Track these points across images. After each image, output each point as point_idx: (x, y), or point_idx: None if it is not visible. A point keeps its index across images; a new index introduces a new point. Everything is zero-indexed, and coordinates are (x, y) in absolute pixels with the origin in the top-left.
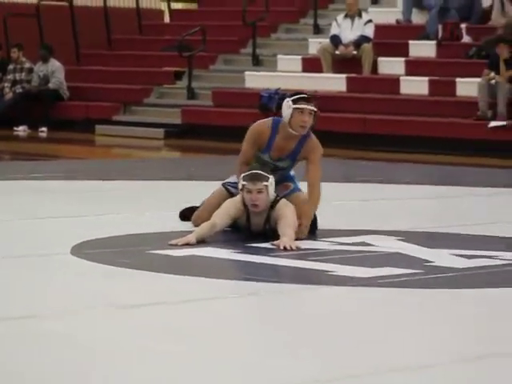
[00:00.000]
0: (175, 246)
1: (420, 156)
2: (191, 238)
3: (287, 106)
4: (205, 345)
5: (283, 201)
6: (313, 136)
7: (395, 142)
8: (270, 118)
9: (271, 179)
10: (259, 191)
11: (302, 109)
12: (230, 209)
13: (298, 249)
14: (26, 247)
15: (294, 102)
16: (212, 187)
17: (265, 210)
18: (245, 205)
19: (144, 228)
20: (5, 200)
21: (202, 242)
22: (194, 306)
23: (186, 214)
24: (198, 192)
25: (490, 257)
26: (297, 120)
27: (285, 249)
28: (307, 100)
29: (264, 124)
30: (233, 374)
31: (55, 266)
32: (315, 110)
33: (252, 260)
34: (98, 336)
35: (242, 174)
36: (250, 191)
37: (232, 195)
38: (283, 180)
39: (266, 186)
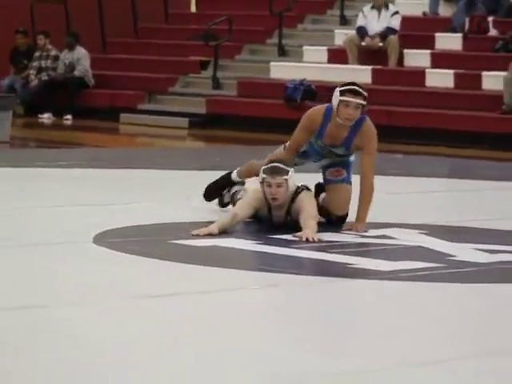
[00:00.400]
0: (197, 236)
1: (445, 149)
2: (213, 229)
3: (335, 96)
4: (221, 336)
5: (304, 193)
6: (367, 125)
7: (420, 135)
8: (325, 105)
9: (291, 172)
10: (279, 185)
11: (348, 102)
12: (251, 200)
13: (320, 241)
14: (48, 235)
15: (342, 93)
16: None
17: (285, 202)
18: (266, 197)
19: (167, 218)
20: (29, 187)
21: (223, 232)
22: (213, 297)
23: (212, 195)
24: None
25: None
26: (342, 112)
27: (307, 240)
28: (355, 93)
29: (318, 111)
30: (242, 364)
31: (77, 255)
32: (363, 103)
33: (273, 251)
34: (116, 325)
35: (263, 167)
36: (269, 185)
37: None
38: (340, 164)
39: (286, 179)
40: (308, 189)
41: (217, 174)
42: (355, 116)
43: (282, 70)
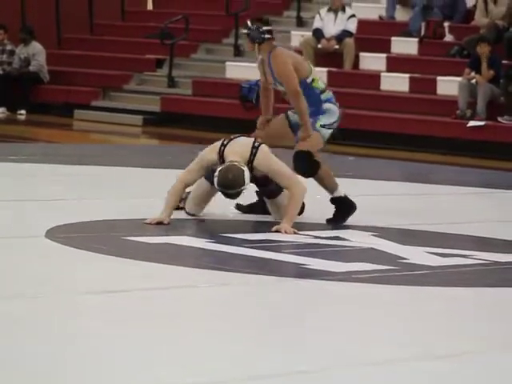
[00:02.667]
0: (149, 224)
1: (398, 153)
2: (164, 217)
3: None
4: (166, 333)
5: (260, 152)
6: (274, 55)
7: (374, 138)
8: None
9: (244, 170)
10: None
11: None
12: (203, 162)
13: (296, 233)
14: (0, 229)
15: None
16: None
17: None
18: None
19: (119, 214)
20: None
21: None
22: (163, 294)
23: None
24: (172, 180)
25: (463, 256)
26: None
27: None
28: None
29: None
30: (183, 363)
31: (28, 249)
32: (245, 32)
33: (225, 250)
34: (62, 321)
35: (217, 180)
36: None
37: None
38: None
39: (239, 191)
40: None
41: (169, 173)
42: (249, 46)
43: (237, 70)
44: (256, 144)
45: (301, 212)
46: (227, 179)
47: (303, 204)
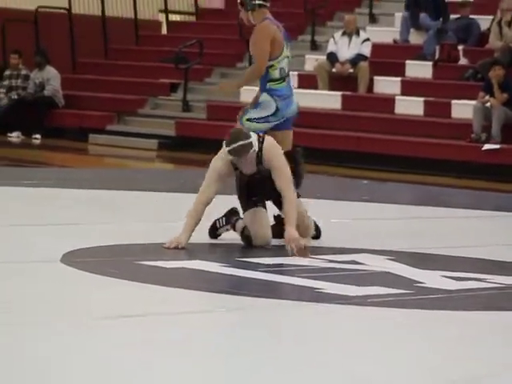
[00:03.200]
0: (166, 249)
1: (413, 176)
2: (181, 240)
3: None
4: (184, 358)
5: (267, 142)
6: (260, 25)
7: (388, 162)
8: None
9: (252, 138)
10: (245, 160)
11: None
12: (214, 173)
13: (306, 247)
14: (15, 254)
15: None
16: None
17: (253, 159)
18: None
19: (133, 238)
20: None
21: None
22: (178, 319)
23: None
24: (186, 204)
25: (479, 279)
26: None
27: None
28: None
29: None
30: None
31: (44, 274)
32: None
33: (241, 274)
34: (77, 346)
35: (227, 149)
36: (236, 167)
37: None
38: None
39: (252, 151)
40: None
41: (183, 197)
42: (243, 16)
43: (251, 94)
44: (260, 138)
45: (317, 236)
46: (232, 134)
47: (319, 228)
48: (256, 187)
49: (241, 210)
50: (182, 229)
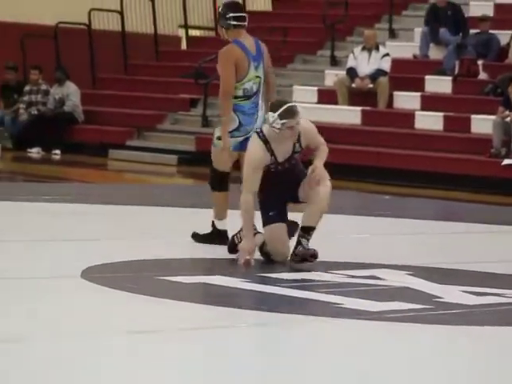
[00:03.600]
0: (242, 265)
1: (433, 191)
2: (250, 247)
3: None
4: (207, 373)
5: (303, 120)
6: (227, 48)
7: (408, 177)
8: None
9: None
10: (297, 123)
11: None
12: (256, 163)
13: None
14: (36, 269)
15: None
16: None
17: None
18: (266, 143)
19: (153, 254)
20: (16, 221)
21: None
22: (201, 335)
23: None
24: (206, 220)
25: (498, 294)
26: None
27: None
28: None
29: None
30: None
31: (64, 289)
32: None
33: (260, 290)
34: (100, 361)
35: (277, 113)
36: (291, 127)
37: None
38: None
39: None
40: None
41: (203, 212)
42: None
43: None
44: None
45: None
46: (273, 103)
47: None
48: (282, 182)
49: (259, 220)
50: (244, 232)
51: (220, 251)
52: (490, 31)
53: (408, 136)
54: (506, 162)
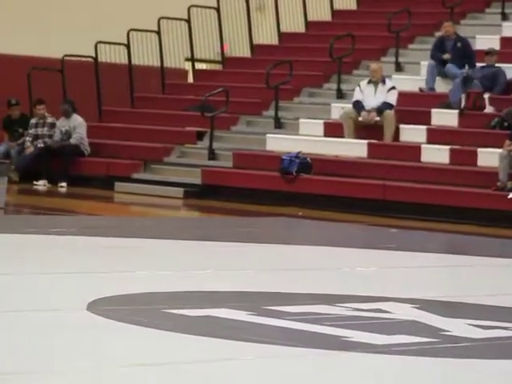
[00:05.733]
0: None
1: (439, 225)
2: None
3: None
4: None
5: None
6: None
7: (415, 210)
8: None
9: None
10: None
11: None
12: None
13: None
14: (41, 302)
15: None
16: (228, 247)
17: None
18: None
19: (160, 287)
20: (22, 254)
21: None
22: (203, 368)
23: None
24: (212, 253)
25: (505, 328)
26: None
27: None
28: None
29: None
30: None
31: (70, 322)
32: None
33: (266, 323)
34: None
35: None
36: None
37: None
38: None
39: None
40: None
41: (210, 245)
42: None
43: (277, 143)
44: None
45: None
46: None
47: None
48: None
49: None
50: None
51: (226, 284)
52: (497, 65)
53: (414, 169)
54: None
